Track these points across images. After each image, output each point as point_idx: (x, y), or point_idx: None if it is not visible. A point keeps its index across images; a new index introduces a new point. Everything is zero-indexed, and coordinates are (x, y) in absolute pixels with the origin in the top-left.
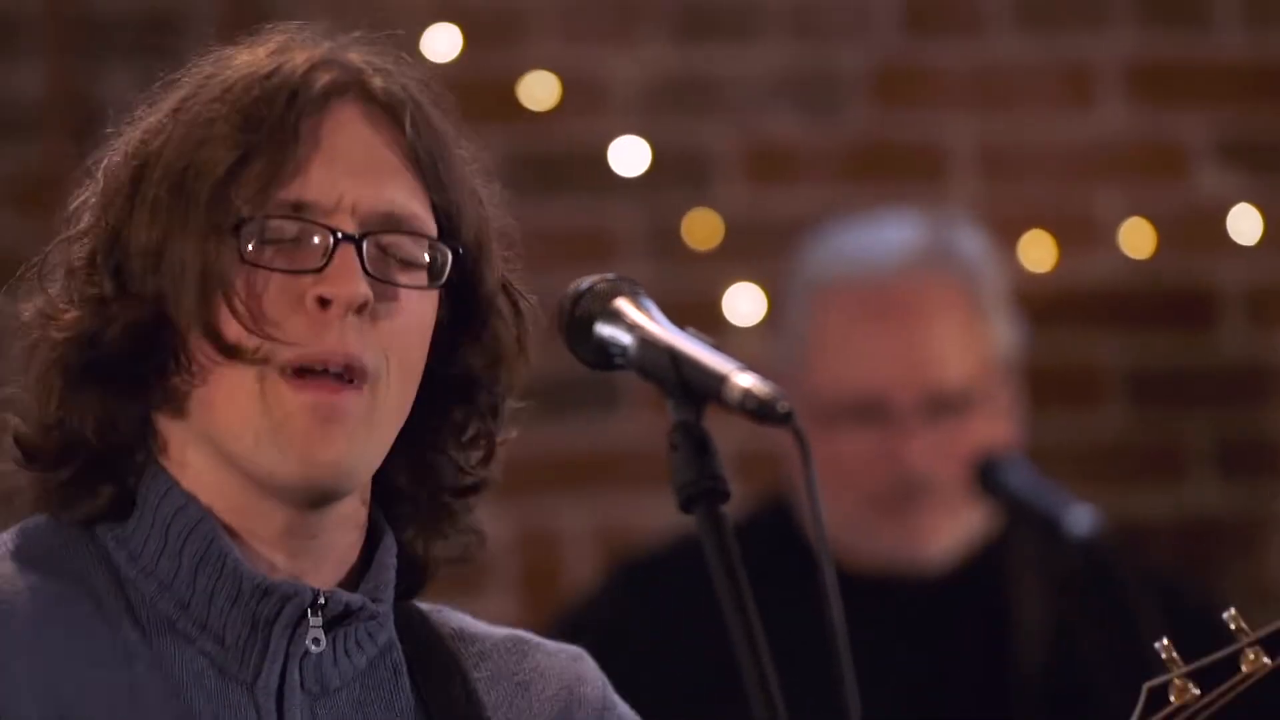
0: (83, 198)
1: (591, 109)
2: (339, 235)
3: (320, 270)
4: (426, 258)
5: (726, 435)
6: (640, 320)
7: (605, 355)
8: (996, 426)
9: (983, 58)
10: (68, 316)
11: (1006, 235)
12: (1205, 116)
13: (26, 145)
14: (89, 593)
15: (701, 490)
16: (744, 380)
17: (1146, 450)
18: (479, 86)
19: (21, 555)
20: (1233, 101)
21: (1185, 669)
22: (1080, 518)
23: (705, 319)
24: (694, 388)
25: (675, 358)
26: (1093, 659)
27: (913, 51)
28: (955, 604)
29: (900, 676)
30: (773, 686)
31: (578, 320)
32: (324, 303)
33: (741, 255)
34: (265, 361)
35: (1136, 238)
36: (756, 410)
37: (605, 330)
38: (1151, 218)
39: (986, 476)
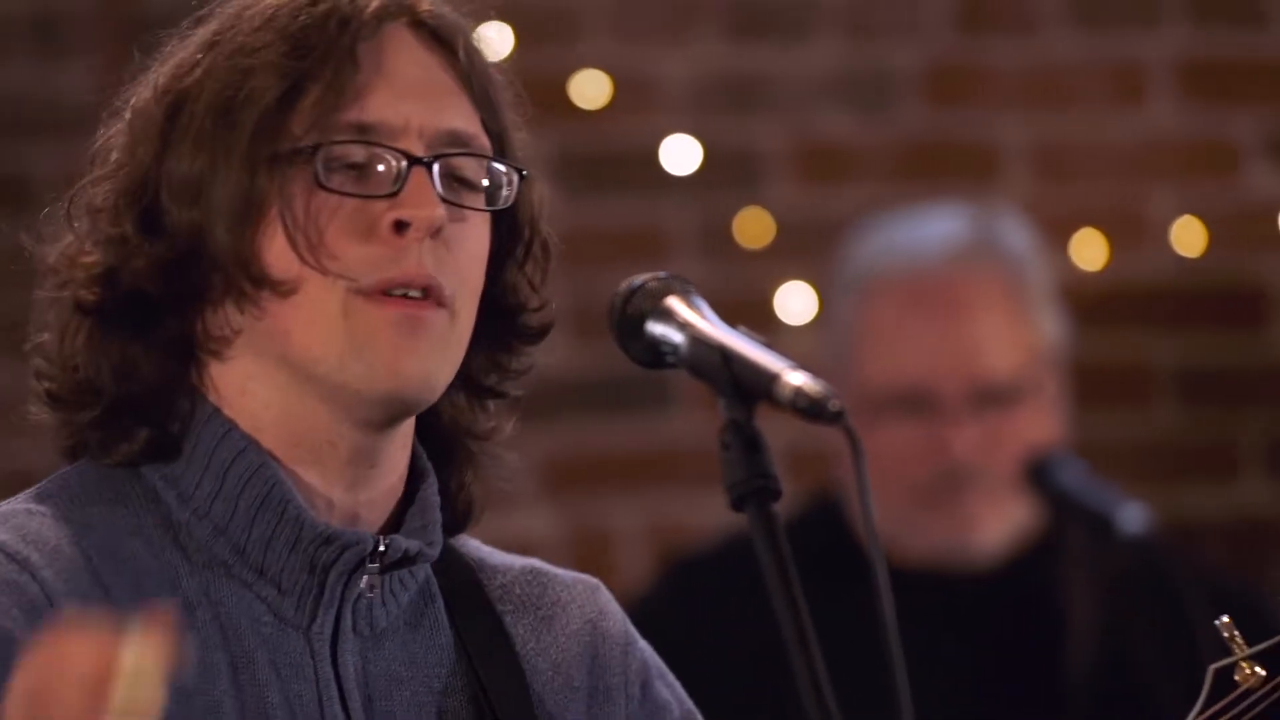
0: (107, 136)
1: (643, 107)
2: (411, 158)
3: (395, 194)
4: (486, 180)
5: (777, 433)
6: (692, 319)
7: (657, 354)
8: (1043, 418)
9: (1034, 56)
10: (89, 258)
11: (1058, 234)
12: (1256, 114)
13: (78, 144)
14: (143, 538)
15: (753, 489)
16: (795, 379)
17: (1198, 448)
18: (530, 85)
19: (70, 511)
20: None
21: (1250, 651)
22: (1132, 516)
23: (756, 317)
24: (745, 386)
25: (727, 356)
26: (1144, 657)
27: (964, 50)
28: (1005, 599)
29: (950, 672)
30: (824, 684)
31: (629, 319)
32: (400, 226)
33: (793, 254)
34: (341, 285)
35: (1188, 236)
36: (808, 409)
37: (657, 329)
38: (1203, 216)
39: (1038, 474)
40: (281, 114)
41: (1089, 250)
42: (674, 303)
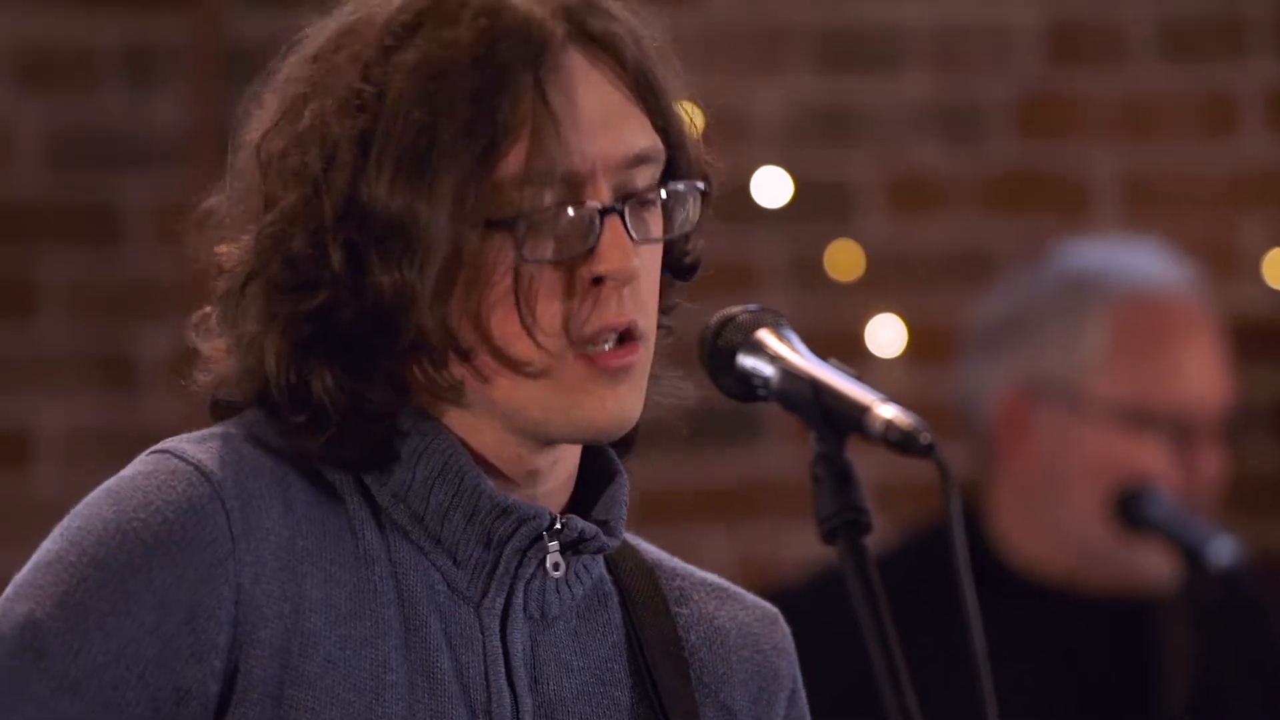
0: (273, 131)
1: (734, 140)
2: (602, 209)
3: (591, 251)
4: (664, 193)
5: (869, 466)
6: (782, 351)
7: (748, 386)
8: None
9: (1124, 87)
10: (292, 288)
11: None
12: None
13: (170, 176)
14: (332, 491)
15: (844, 522)
16: (886, 411)
17: None
18: None
19: (272, 443)
20: None
21: None
22: (1222, 548)
23: (847, 350)
24: (836, 419)
25: (817, 389)
26: (1236, 689)
27: (1056, 81)
28: (1104, 629)
29: (1048, 702)
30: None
31: (720, 351)
32: (598, 280)
33: (883, 286)
34: (545, 348)
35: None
36: (899, 442)
37: (747, 361)
38: None
39: (1129, 507)
40: (477, 177)
41: None
42: (765, 335)
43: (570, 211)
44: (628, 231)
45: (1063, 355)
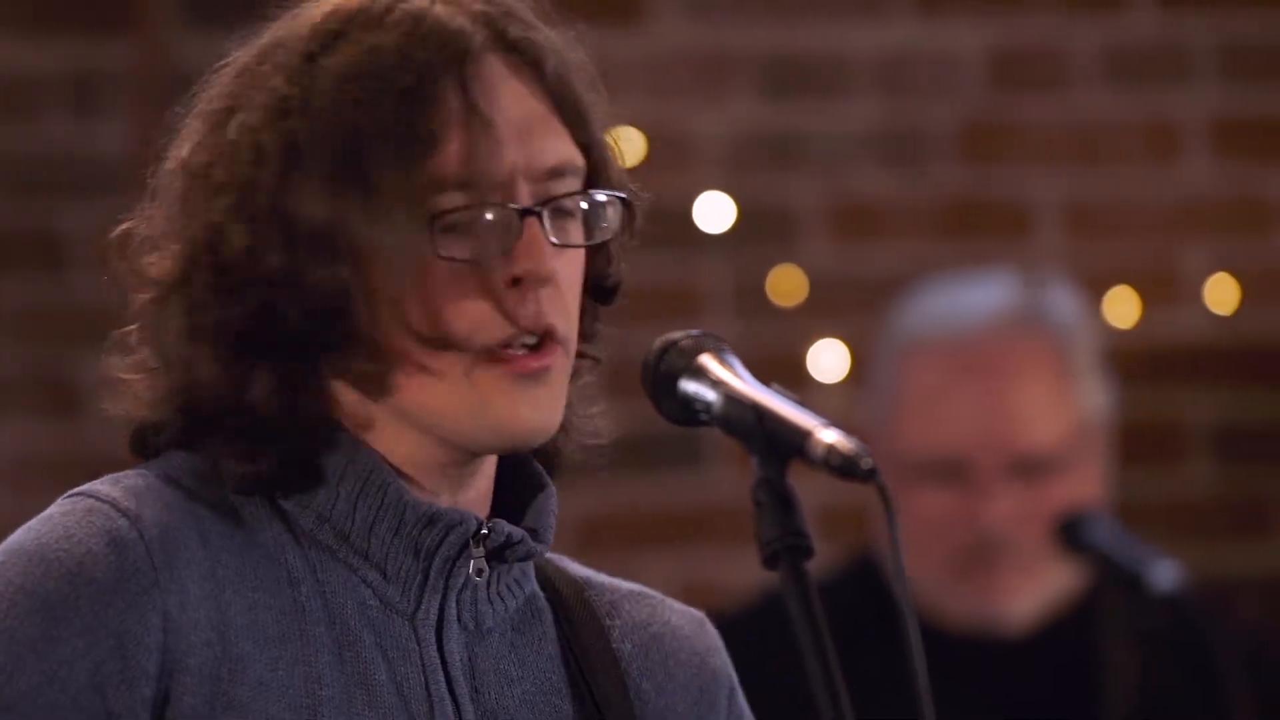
0: (200, 146)
1: (677, 165)
2: (521, 211)
3: (509, 252)
4: (584, 205)
5: (815, 491)
6: (725, 376)
7: (690, 411)
8: (1082, 488)
9: (1068, 114)
10: (225, 293)
11: (1091, 291)
12: None
13: (111, 202)
14: (250, 519)
15: (785, 546)
16: (828, 436)
17: (1231, 506)
18: None
19: (184, 483)
20: None
21: None
22: (1164, 573)
23: (790, 375)
24: (778, 444)
25: (760, 414)
26: (1177, 716)
27: (999, 108)
28: (1040, 663)
29: None
30: None
31: (662, 376)
32: (515, 281)
33: (826, 312)
34: (463, 350)
35: (1221, 293)
36: (840, 466)
37: (690, 386)
38: (1236, 273)
39: (1070, 533)
40: (403, 179)
41: (1122, 308)
42: (707, 360)
43: (489, 213)
44: (546, 234)
45: (872, 402)
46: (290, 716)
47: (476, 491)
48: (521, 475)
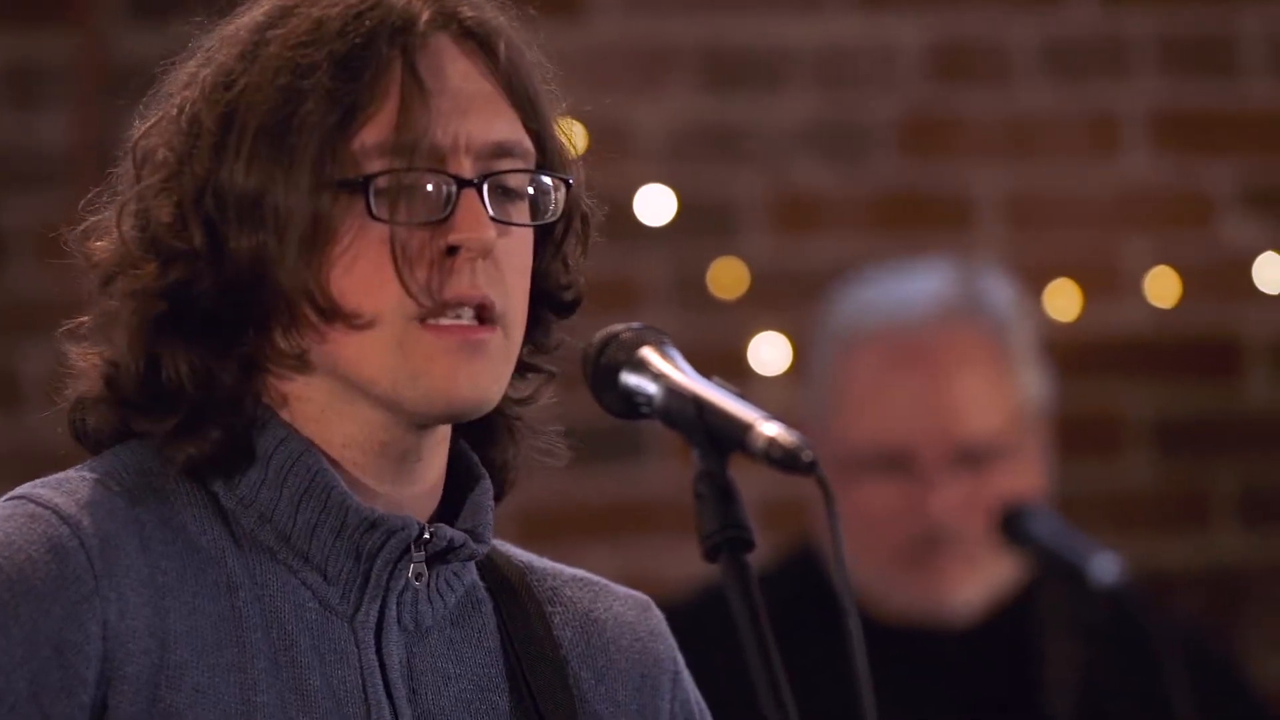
0: (152, 129)
1: (617, 157)
2: (460, 181)
3: (446, 219)
4: (530, 189)
5: (755, 484)
6: (665, 369)
7: (631, 404)
8: (1023, 478)
9: (1008, 107)
10: (149, 266)
11: (1032, 284)
12: (1231, 165)
13: (52, 194)
14: (193, 513)
15: (726, 539)
16: (769, 429)
17: (1172, 499)
18: None
19: (124, 485)
20: (1258, 150)
21: None
22: (1105, 566)
23: (730, 368)
24: (719, 437)
25: (700, 407)
26: (1119, 707)
27: (939, 101)
28: (983, 654)
29: None
30: None
31: (603, 369)
32: (452, 250)
33: (767, 304)
34: (397, 314)
35: (1162, 286)
36: (781, 459)
37: (631, 379)
38: (1177, 266)
39: (1011, 525)
40: (335, 142)
41: (1063, 300)
42: (648, 353)
43: (428, 180)
44: (485, 207)
45: (812, 395)
46: None
47: (424, 485)
48: (459, 466)
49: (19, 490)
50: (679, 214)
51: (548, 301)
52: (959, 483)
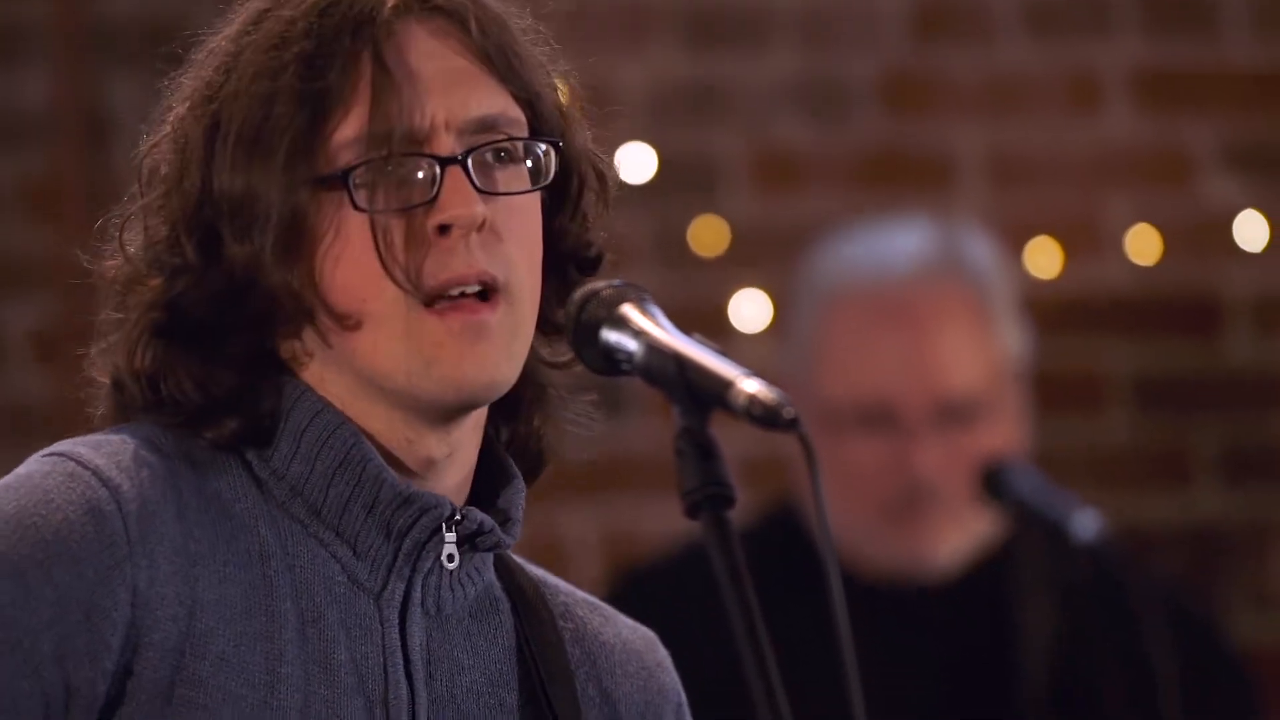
0: (154, 146)
1: (598, 115)
2: (443, 159)
3: (433, 201)
4: (525, 154)
5: (733, 441)
6: (646, 326)
7: (611, 361)
8: (1005, 434)
9: (990, 65)
10: (154, 283)
11: (1013, 242)
12: (1212, 123)
13: (35, 152)
14: (226, 489)
15: (707, 496)
16: (749, 386)
17: (1153, 456)
18: None
19: (162, 451)
20: (1239, 108)
21: None
22: (1086, 523)
23: (711, 325)
24: (700, 394)
25: (681, 364)
26: (1098, 664)
27: (920, 59)
28: (962, 610)
29: (907, 683)
30: (779, 693)
31: (584, 326)
32: (444, 229)
33: (748, 262)
34: (399, 303)
35: (1143, 244)
36: (762, 416)
37: (611, 336)
38: (1158, 224)
39: (993, 482)
40: (310, 141)
41: (1044, 258)
42: (629, 310)
43: (410, 164)
44: (471, 180)
45: (793, 352)
46: (247, 692)
47: (453, 479)
48: (493, 467)
49: (58, 447)
50: (660, 172)
51: (571, 260)
52: (941, 439)
